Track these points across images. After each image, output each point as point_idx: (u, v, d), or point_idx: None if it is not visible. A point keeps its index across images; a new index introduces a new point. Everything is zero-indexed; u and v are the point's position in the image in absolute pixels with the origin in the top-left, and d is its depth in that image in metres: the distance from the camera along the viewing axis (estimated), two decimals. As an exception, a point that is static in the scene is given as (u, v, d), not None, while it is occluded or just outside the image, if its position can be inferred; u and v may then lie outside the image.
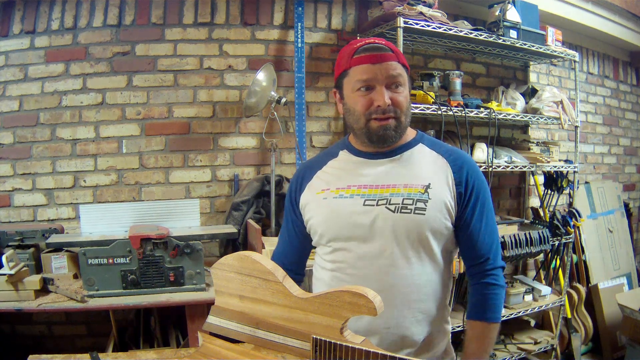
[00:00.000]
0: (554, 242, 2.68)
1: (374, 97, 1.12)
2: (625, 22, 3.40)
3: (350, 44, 1.18)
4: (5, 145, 2.32)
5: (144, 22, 2.38)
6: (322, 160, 1.28)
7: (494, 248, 1.20)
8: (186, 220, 2.17)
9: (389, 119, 1.13)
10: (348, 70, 1.15)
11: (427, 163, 1.19)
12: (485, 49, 2.75)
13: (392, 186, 1.15)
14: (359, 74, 1.12)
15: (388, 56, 1.13)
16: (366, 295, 0.90)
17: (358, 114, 1.14)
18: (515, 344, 2.72)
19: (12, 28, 2.31)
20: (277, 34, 2.54)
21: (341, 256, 1.18)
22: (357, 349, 0.87)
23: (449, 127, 2.37)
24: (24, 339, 2.34)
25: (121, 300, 1.86)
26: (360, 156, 1.22)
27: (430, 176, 1.16)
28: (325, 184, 1.22)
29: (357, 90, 1.13)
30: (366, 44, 1.14)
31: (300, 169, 1.32)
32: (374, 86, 1.12)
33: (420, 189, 1.14)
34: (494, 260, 1.20)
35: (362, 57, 1.12)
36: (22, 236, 2.06)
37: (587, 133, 3.59)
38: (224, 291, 1.08)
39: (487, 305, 1.19)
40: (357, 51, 1.13)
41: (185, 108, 2.44)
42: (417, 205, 1.12)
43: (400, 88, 1.15)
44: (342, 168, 1.23)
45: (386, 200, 1.14)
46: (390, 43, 1.18)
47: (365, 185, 1.17)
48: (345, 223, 1.16)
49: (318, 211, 1.21)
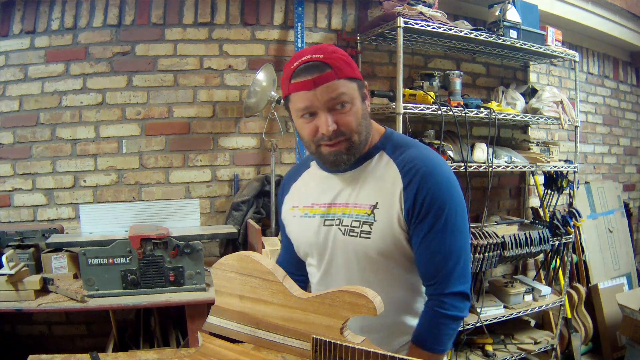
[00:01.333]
0: (554, 242, 2.68)
1: (317, 123, 1.03)
2: (625, 22, 3.40)
3: (290, 60, 1.05)
4: (5, 145, 2.32)
5: (144, 22, 2.38)
6: (299, 169, 1.27)
7: (447, 271, 1.04)
8: (186, 220, 2.17)
9: (338, 143, 1.04)
10: (289, 96, 1.05)
11: (380, 177, 1.09)
12: (485, 49, 2.75)
13: (345, 205, 1.11)
14: (298, 102, 1.03)
15: (324, 77, 0.99)
16: (366, 295, 0.90)
17: (306, 141, 1.08)
18: (515, 344, 2.72)
19: (12, 28, 2.31)
20: (277, 34, 2.54)
21: (313, 271, 1.22)
22: (357, 349, 0.87)
23: (449, 127, 2.37)
24: (24, 339, 2.34)
25: (121, 300, 1.86)
26: (323, 169, 1.18)
27: (379, 194, 1.07)
28: (297, 200, 1.22)
29: (300, 117, 1.05)
30: (303, 63, 1.01)
31: (285, 176, 1.32)
32: (315, 112, 1.03)
33: (367, 210, 1.07)
34: (446, 284, 1.04)
35: (298, 84, 1.01)
36: (22, 236, 2.06)
37: (587, 133, 3.59)
38: (224, 291, 1.08)
39: (431, 334, 1.05)
40: (294, 74, 1.02)
41: (185, 108, 2.44)
42: (362, 229, 1.07)
43: (346, 106, 1.02)
44: (310, 183, 1.22)
45: (339, 221, 1.11)
46: (332, 53, 1.02)
47: (325, 204, 1.15)
48: (311, 242, 1.17)
49: (291, 227, 1.23)
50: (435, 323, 1.05)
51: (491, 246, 2.38)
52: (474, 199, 2.82)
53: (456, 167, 2.34)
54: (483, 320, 2.51)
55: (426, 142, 2.35)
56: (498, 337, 2.71)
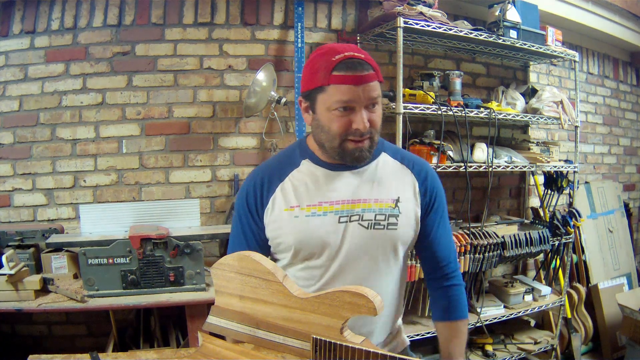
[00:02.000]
0: (554, 242, 2.68)
1: (353, 119, 1.06)
2: (625, 22, 3.40)
3: (324, 52, 1.08)
4: (5, 145, 2.32)
5: (144, 22, 2.38)
6: (283, 169, 1.20)
7: (453, 250, 1.27)
8: (186, 220, 2.17)
9: (364, 140, 1.10)
10: (326, 86, 1.05)
11: (393, 175, 1.19)
12: (485, 49, 2.75)
13: (363, 201, 1.15)
14: (340, 94, 1.05)
15: (370, 76, 1.06)
16: (366, 295, 0.90)
17: (333, 134, 1.09)
18: (515, 344, 2.72)
19: (12, 28, 2.31)
20: (277, 34, 2.54)
21: (315, 273, 1.17)
22: (357, 349, 0.87)
23: (449, 127, 2.37)
24: (24, 339, 2.34)
25: (121, 300, 1.86)
26: (325, 167, 1.17)
27: (398, 189, 1.17)
28: (294, 199, 1.16)
29: (334, 109, 1.07)
30: (346, 57, 1.04)
31: (256, 175, 1.22)
32: (353, 107, 1.06)
33: (391, 204, 1.15)
34: (455, 262, 1.27)
35: (343, 77, 1.04)
36: (22, 236, 2.06)
37: (587, 133, 3.59)
38: (224, 291, 1.08)
39: (459, 304, 1.24)
40: (337, 67, 1.04)
41: (185, 108, 2.44)
42: (389, 221, 1.15)
43: (376, 107, 1.10)
44: (309, 182, 1.17)
45: (359, 217, 1.14)
46: (369, 56, 1.09)
47: (337, 201, 1.14)
48: (321, 242, 1.14)
49: (289, 230, 1.15)
50: (461, 294, 1.25)
51: (491, 246, 2.38)
52: (474, 199, 2.82)
53: (456, 167, 2.34)
54: (483, 320, 2.51)
55: (426, 142, 2.35)
56: (498, 337, 2.71)
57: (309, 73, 1.11)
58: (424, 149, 2.32)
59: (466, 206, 2.42)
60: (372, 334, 1.20)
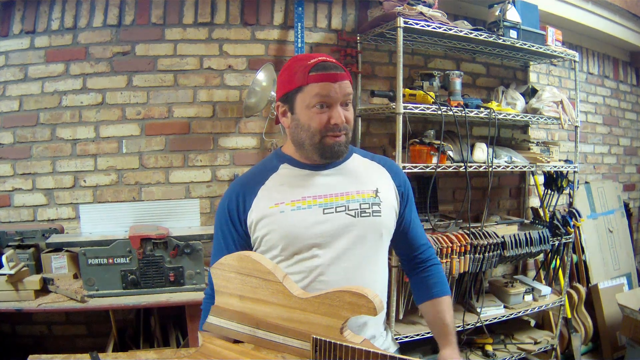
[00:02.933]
0: (554, 242, 2.68)
1: (330, 114, 1.15)
2: (625, 22, 3.40)
3: (299, 59, 1.20)
4: (5, 145, 2.32)
5: (144, 22, 2.38)
6: (261, 176, 1.24)
7: (425, 236, 1.41)
8: (186, 220, 2.18)
9: (341, 135, 1.18)
10: (304, 86, 1.14)
11: (367, 170, 1.28)
12: (485, 49, 2.75)
13: (346, 194, 1.21)
14: (318, 89, 1.13)
15: (344, 75, 1.16)
16: (366, 295, 0.90)
17: (313, 130, 1.15)
18: (515, 344, 2.72)
19: (12, 28, 2.31)
20: (277, 34, 2.54)
21: (306, 266, 1.17)
22: (357, 349, 0.87)
23: (449, 127, 2.37)
24: (24, 339, 2.34)
25: (121, 300, 1.86)
26: (305, 168, 1.23)
27: (375, 182, 1.26)
28: (278, 196, 1.19)
29: (312, 107, 1.14)
30: (320, 61, 1.16)
31: (236, 184, 1.26)
32: (330, 104, 1.15)
33: (372, 194, 1.23)
34: (430, 245, 1.41)
35: (320, 75, 1.13)
36: (22, 236, 2.07)
37: (587, 133, 3.59)
38: (224, 291, 1.08)
39: (441, 280, 1.36)
40: (314, 68, 1.14)
41: (185, 108, 2.44)
42: (373, 208, 1.21)
43: (349, 105, 1.20)
44: (290, 181, 1.22)
45: (344, 207, 1.19)
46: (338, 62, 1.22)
47: (319, 195, 1.20)
48: (309, 234, 1.16)
49: (276, 225, 1.17)
50: (441, 272, 1.38)
51: (491, 246, 2.38)
52: (474, 199, 2.82)
53: (456, 167, 2.34)
54: (483, 320, 2.51)
55: (426, 142, 2.35)
56: (498, 337, 2.71)
57: (286, 77, 1.19)
58: (424, 149, 2.31)
59: (466, 206, 2.42)
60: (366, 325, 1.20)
